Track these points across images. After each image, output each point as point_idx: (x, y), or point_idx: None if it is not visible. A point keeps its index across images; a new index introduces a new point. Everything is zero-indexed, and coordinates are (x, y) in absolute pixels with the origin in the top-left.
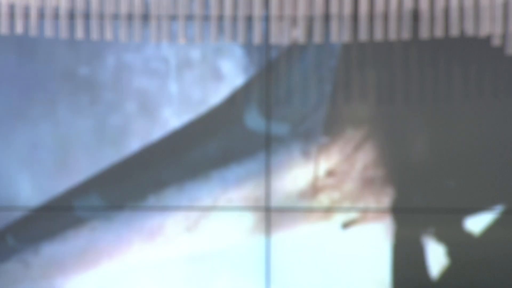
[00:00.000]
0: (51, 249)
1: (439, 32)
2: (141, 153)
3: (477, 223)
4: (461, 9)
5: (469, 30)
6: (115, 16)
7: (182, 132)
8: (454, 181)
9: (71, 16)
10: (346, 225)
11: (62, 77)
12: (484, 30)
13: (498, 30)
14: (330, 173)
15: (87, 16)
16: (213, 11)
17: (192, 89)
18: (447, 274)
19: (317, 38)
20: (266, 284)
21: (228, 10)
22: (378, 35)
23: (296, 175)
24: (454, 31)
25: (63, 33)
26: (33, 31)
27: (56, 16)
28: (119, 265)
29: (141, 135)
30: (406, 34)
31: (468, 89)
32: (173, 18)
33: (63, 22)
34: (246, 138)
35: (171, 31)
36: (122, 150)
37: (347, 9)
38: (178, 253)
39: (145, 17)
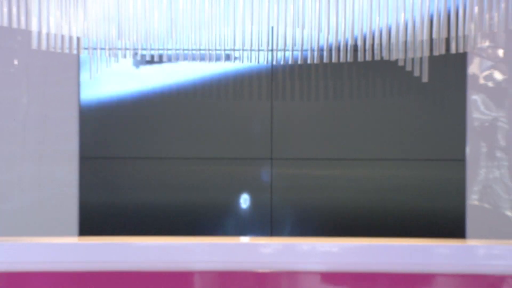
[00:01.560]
0: None
1: (369, 57)
2: None
3: None
4: (382, 43)
5: (386, 56)
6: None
7: None
8: None
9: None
10: None
11: None
12: (395, 56)
13: (402, 56)
14: None
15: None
16: (237, 45)
17: None
18: None
19: (300, 61)
20: None
21: (247, 44)
22: (335, 59)
23: None
24: (377, 57)
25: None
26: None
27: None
28: None
29: None
30: (350, 58)
31: (384, 91)
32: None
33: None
34: None
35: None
36: None
37: (316, 44)
38: None
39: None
